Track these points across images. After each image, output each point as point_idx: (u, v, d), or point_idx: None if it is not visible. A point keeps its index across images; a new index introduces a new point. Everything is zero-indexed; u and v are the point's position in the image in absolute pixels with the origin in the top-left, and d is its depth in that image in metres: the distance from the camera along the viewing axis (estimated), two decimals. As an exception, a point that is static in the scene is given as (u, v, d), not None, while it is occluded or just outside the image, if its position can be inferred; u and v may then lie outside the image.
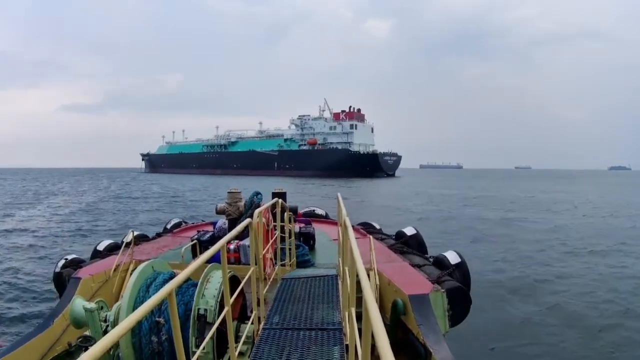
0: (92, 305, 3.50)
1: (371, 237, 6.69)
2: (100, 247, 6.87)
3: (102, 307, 3.68)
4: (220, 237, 5.78)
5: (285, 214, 6.26)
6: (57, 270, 5.86)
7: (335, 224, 8.05)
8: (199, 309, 3.45)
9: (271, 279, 5.08)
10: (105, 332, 3.50)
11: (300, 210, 9.41)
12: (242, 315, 4.04)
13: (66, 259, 6.14)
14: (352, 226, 6.96)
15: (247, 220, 3.78)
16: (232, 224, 6.46)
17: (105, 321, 3.55)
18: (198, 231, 7.03)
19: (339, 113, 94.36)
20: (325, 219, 9.92)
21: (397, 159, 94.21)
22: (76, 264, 5.94)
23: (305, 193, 36.77)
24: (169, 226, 9.38)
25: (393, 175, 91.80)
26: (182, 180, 64.49)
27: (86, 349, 3.37)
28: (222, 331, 3.38)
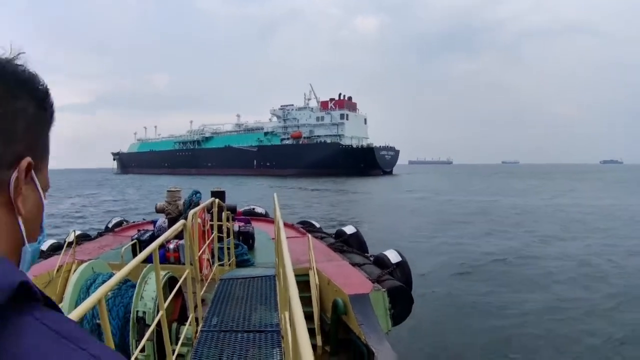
0: None
1: (310, 235, 6.87)
2: (43, 247, 6.90)
3: None
4: (159, 236, 5.29)
5: (223, 213, 6.57)
6: None
7: (270, 221, 8.47)
8: (137, 311, 3.60)
9: (208, 280, 5.23)
10: None
11: (240, 209, 9.63)
12: (182, 316, 4.13)
13: None
14: (292, 225, 9.10)
15: (182, 221, 3.85)
16: (172, 222, 6.48)
17: None
18: (138, 230, 7.27)
19: (327, 102, 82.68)
20: (265, 217, 10.22)
21: (395, 154, 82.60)
22: None
23: (291, 199, 31.32)
24: (110, 225, 9.55)
25: (390, 172, 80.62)
26: (146, 183, 59.86)
27: None
28: (162, 333, 3.25)
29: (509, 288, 10.33)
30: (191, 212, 4.35)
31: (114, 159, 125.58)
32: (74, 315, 1.70)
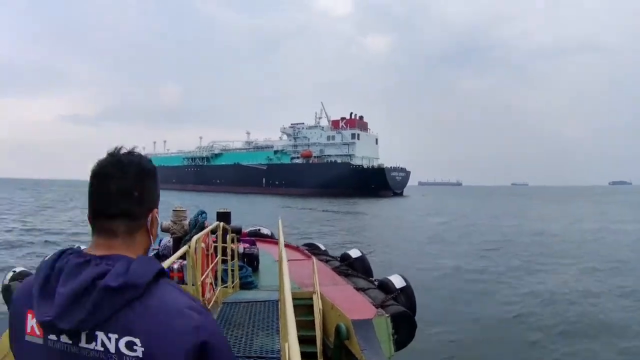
0: None
1: (315, 258, 6.92)
2: None
3: None
4: (164, 256, 6.09)
5: (228, 236, 6.59)
6: (5, 282, 6.25)
7: (275, 242, 8.41)
8: None
9: (211, 303, 5.24)
10: None
11: (245, 229, 9.74)
12: None
13: (14, 271, 6.50)
14: (297, 247, 9.09)
15: (185, 247, 4.01)
16: (177, 242, 6.59)
17: None
18: None
19: (338, 120, 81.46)
20: (270, 238, 10.27)
21: (406, 174, 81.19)
22: (24, 276, 6.11)
23: (299, 220, 30.18)
24: None
25: (401, 194, 79.11)
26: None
27: None
28: None
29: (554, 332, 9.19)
30: (194, 238, 4.35)
31: None
32: None
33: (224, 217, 7.49)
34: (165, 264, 3.21)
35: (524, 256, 17.86)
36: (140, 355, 1.01)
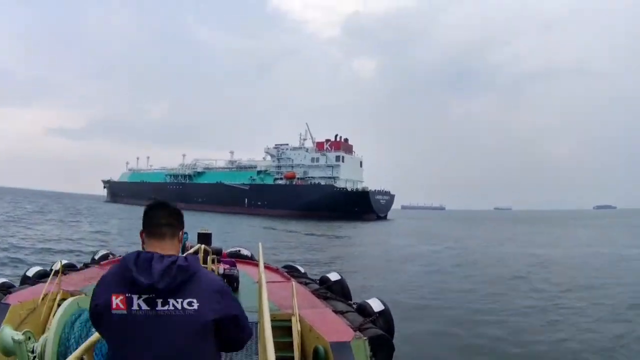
0: (20, 336, 3.78)
1: (294, 281, 7.02)
2: (30, 273, 7.37)
3: (29, 338, 3.96)
4: None
5: (209, 257, 6.98)
6: None
7: (254, 264, 8.56)
8: None
9: None
10: None
11: (225, 250, 9.95)
12: None
13: None
14: (277, 269, 9.13)
15: None
16: None
17: (32, 352, 3.83)
18: None
19: (322, 142, 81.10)
20: (250, 260, 10.22)
21: (390, 198, 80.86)
22: (6, 288, 6.30)
23: (281, 242, 30.49)
24: (96, 257, 9.78)
25: (385, 217, 78.20)
26: (133, 215, 54.67)
27: None
28: None
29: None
30: None
31: (104, 187, 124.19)
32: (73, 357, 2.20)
33: (204, 238, 7.89)
34: None
35: (516, 284, 17.16)
36: (196, 308, 1.86)
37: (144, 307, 1.85)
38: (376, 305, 5.96)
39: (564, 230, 56.39)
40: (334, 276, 7.90)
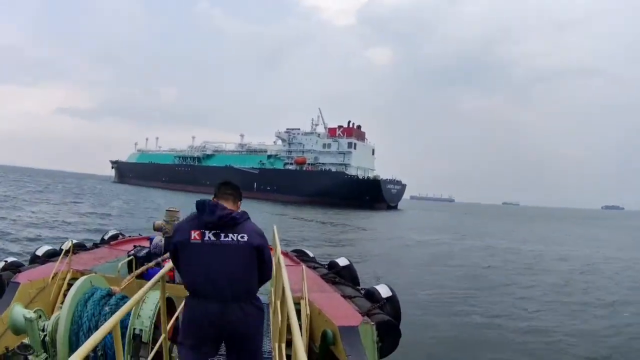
0: (31, 314, 3.82)
1: (304, 265, 7.13)
2: (39, 253, 7.35)
3: (40, 316, 3.99)
4: (156, 254, 6.27)
5: None
6: None
7: (271, 249, 5.85)
8: (134, 328, 3.78)
9: None
10: (44, 341, 3.91)
11: None
12: (176, 335, 4.26)
13: (6, 261, 6.63)
14: (286, 253, 8.70)
15: None
16: (169, 242, 6.35)
17: (43, 330, 3.85)
18: (135, 246, 7.30)
19: (335, 128, 79.15)
20: None
21: (402, 187, 79.16)
22: (15, 267, 6.31)
23: (291, 229, 29.20)
24: (106, 237, 9.79)
25: (396, 207, 77.02)
26: (139, 198, 55.42)
27: (25, 357, 3.96)
28: (157, 351, 3.72)
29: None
30: None
31: (112, 167, 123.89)
32: (93, 340, 2.00)
33: None
34: (164, 270, 3.80)
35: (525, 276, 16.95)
36: (246, 240, 3.06)
37: (212, 238, 3.05)
38: (384, 291, 6.00)
39: (584, 230, 55.09)
40: (342, 261, 7.94)
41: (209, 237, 3.01)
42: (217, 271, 3.00)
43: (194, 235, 3.01)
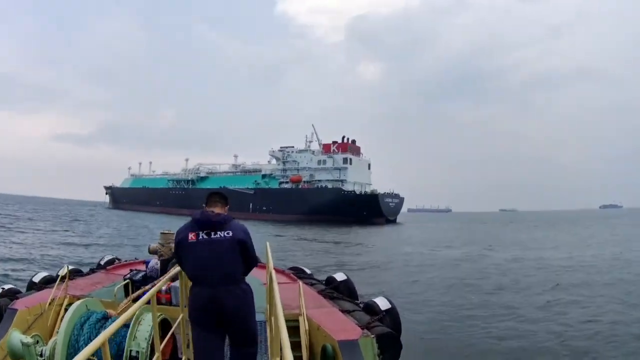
0: (29, 339, 3.86)
1: (301, 282, 7.14)
2: (36, 279, 7.41)
3: (37, 342, 4.03)
4: (152, 277, 6.27)
5: None
6: None
7: (263, 267, 7.81)
8: (131, 350, 3.87)
9: None
10: None
11: None
12: (173, 357, 4.44)
13: (3, 288, 6.68)
14: (283, 271, 8.96)
15: (178, 268, 4.44)
16: (164, 264, 6.63)
17: (41, 355, 3.90)
18: (131, 270, 7.27)
19: (329, 144, 78.52)
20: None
21: (400, 201, 78.43)
22: (12, 294, 6.41)
23: (290, 250, 28.26)
24: (102, 262, 9.94)
25: (394, 221, 76.23)
26: (131, 223, 54.89)
27: None
28: None
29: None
30: None
31: (106, 193, 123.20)
32: (83, 355, 2.06)
33: None
34: (157, 287, 4.10)
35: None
36: (231, 235, 3.84)
37: (205, 236, 3.79)
38: (383, 303, 6.02)
39: (589, 231, 54.15)
40: (340, 276, 7.97)
41: (202, 237, 3.81)
42: (208, 262, 3.77)
43: (191, 236, 3.82)
